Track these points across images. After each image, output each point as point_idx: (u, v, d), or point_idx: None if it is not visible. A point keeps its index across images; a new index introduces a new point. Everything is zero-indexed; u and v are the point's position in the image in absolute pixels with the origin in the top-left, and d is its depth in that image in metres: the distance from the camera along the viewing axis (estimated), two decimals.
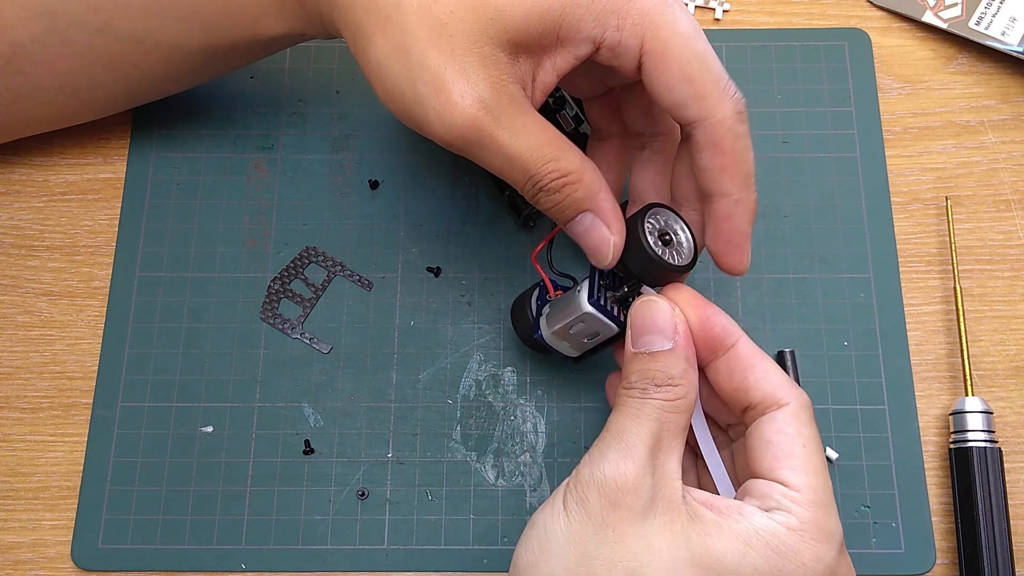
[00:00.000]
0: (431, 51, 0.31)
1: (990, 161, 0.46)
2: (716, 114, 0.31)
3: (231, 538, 0.40)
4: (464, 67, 0.31)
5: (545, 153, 0.32)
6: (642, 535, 0.29)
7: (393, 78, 0.32)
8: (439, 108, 0.31)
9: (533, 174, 0.32)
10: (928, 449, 0.41)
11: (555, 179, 0.32)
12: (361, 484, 0.41)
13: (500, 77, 0.31)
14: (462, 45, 0.31)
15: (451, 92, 0.31)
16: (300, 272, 0.44)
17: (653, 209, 0.33)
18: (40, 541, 0.40)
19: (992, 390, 0.42)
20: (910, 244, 0.44)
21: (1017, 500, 0.40)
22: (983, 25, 0.47)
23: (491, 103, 0.31)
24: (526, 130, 0.32)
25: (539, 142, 0.32)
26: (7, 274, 0.44)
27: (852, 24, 0.48)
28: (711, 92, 0.31)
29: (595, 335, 0.35)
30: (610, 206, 0.33)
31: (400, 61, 0.32)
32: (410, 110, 0.32)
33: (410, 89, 0.32)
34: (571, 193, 0.33)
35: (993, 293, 0.44)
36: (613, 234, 0.33)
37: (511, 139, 0.32)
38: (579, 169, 0.33)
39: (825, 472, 0.31)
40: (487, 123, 0.31)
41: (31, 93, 0.41)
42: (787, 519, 0.29)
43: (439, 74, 0.31)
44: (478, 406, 0.42)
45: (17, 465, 0.41)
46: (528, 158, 0.32)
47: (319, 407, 0.42)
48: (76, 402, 0.42)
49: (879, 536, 0.40)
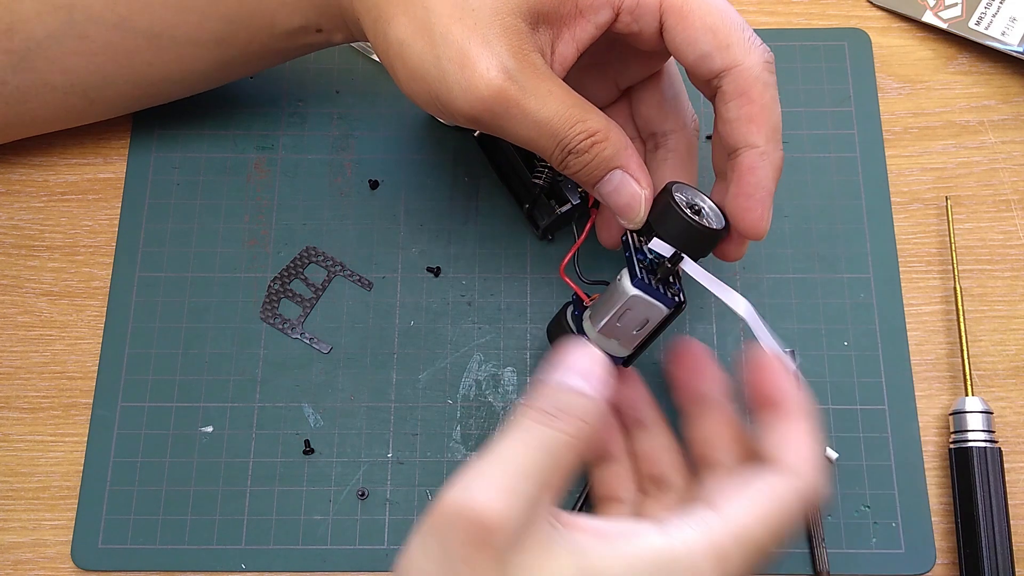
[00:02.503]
0: (454, 26, 0.31)
1: (990, 161, 0.46)
2: (744, 61, 0.31)
3: (231, 538, 0.40)
4: (487, 39, 0.31)
5: (572, 115, 0.32)
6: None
7: (417, 57, 0.32)
8: (464, 82, 0.31)
9: (562, 137, 0.32)
10: (928, 449, 0.41)
11: (584, 139, 0.32)
12: (361, 484, 0.41)
13: (522, 46, 0.32)
14: (484, 18, 0.31)
15: (476, 64, 0.31)
16: (300, 272, 0.44)
17: (675, 185, 0.33)
18: (40, 541, 0.40)
19: (992, 390, 0.42)
20: (910, 244, 0.44)
21: (1017, 500, 0.40)
22: (983, 25, 0.47)
23: (516, 72, 0.31)
24: (552, 95, 0.32)
25: (565, 105, 0.32)
26: (7, 274, 0.44)
27: (852, 24, 0.48)
28: (736, 40, 0.31)
29: (644, 323, 0.34)
30: (637, 162, 0.34)
31: (423, 39, 0.32)
32: (434, 89, 0.32)
33: (434, 67, 0.32)
34: (600, 152, 0.33)
35: (993, 293, 0.44)
36: (643, 188, 0.33)
37: (537, 105, 0.32)
38: (605, 127, 0.33)
39: (769, 533, 0.28)
40: (513, 92, 0.31)
41: (40, 92, 0.40)
42: (681, 531, 0.28)
43: (463, 48, 0.31)
44: (478, 406, 0.42)
45: (17, 465, 0.41)
46: (556, 122, 0.32)
47: (319, 407, 0.42)
48: (76, 402, 0.42)
49: (879, 536, 0.40)
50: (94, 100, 0.42)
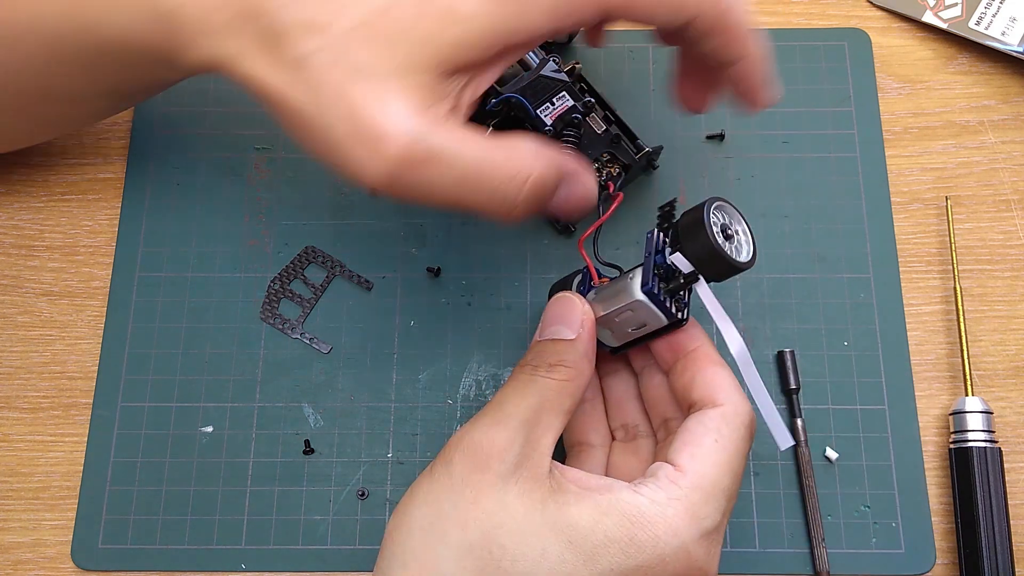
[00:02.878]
0: (345, 86, 0.29)
1: (990, 161, 0.46)
2: (714, 3, 0.31)
3: (231, 538, 0.40)
4: (383, 101, 0.29)
5: (496, 160, 0.30)
6: (499, 498, 0.30)
7: (302, 117, 0.30)
8: (362, 153, 0.29)
9: (495, 188, 0.30)
10: (928, 449, 0.41)
11: (520, 185, 0.31)
12: (361, 484, 0.41)
13: (424, 99, 0.29)
14: (381, 75, 0.29)
15: (371, 131, 0.29)
16: (300, 272, 0.44)
17: (718, 202, 0.32)
18: (40, 541, 0.40)
19: (992, 390, 0.42)
20: (910, 244, 0.44)
21: (1017, 500, 0.40)
22: (983, 25, 0.47)
23: (421, 130, 0.29)
24: (466, 143, 0.30)
25: (484, 150, 0.30)
26: (7, 274, 0.44)
27: (852, 24, 0.48)
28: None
29: (642, 326, 0.34)
30: (573, 164, 0.33)
31: (308, 97, 0.29)
32: (329, 158, 0.30)
33: (324, 134, 0.30)
34: (541, 185, 0.31)
35: (993, 293, 0.44)
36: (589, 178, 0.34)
37: (453, 160, 0.29)
38: (532, 157, 0.31)
39: (731, 475, 0.31)
40: (420, 152, 0.29)
41: None
42: (654, 493, 0.29)
43: (354, 114, 0.29)
44: (478, 406, 0.42)
45: (17, 465, 0.41)
46: (481, 172, 0.30)
47: (319, 407, 0.42)
48: (76, 402, 0.42)
49: (879, 536, 0.40)
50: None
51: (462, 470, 0.30)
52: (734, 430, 0.32)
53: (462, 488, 0.30)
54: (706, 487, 0.30)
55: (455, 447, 0.31)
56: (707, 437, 0.31)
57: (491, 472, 0.30)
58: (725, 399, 0.32)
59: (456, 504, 0.30)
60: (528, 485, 0.30)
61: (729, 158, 0.45)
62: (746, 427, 0.32)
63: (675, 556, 0.29)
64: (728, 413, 0.32)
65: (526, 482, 0.30)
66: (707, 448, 0.31)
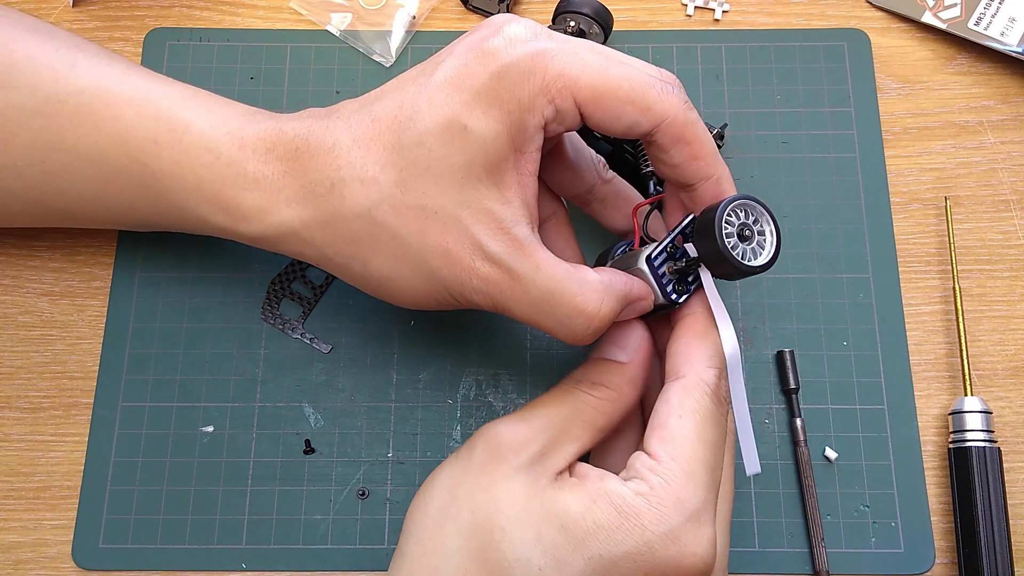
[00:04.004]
0: (428, 237, 0.32)
1: (989, 161, 0.46)
2: (668, 113, 0.31)
3: (231, 538, 0.40)
4: (463, 231, 0.31)
5: (564, 292, 0.31)
6: (507, 486, 0.31)
7: (410, 285, 0.33)
8: (463, 283, 0.32)
9: (560, 320, 0.32)
10: (927, 449, 0.41)
11: (582, 320, 0.32)
12: (361, 484, 0.41)
13: (500, 221, 0.31)
14: (450, 212, 0.31)
15: (463, 261, 0.32)
16: (301, 272, 0.44)
17: (741, 201, 0.32)
18: (41, 541, 0.40)
19: (991, 390, 0.42)
20: (909, 244, 0.44)
21: (1016, 500, 0.41)
22: (982, 25, 0.47)
23: (501, 254, 0.31)
24: (539, 271, 0.31)
25: (554, 281, 0.31)
26: (8, 274, 0.44)
27: (851, 24, 0.48)
28: (654, 99, 0.31)
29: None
30: (637, 287, 0.33)
31: (407, 266, 0.33)
32: (442, 301, 0.33)
33: (430, 285, 0.33)
34: (601, 319, 0.32)
35: (992, 293, 0.44)
36: (648, 299, 0.34)
37: (526, 288, 0.31)
38: (599, 297, 0.32)
39: (705, 446, 0.31)
40: (501, 278, 0.31)
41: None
42: (639, 485, 0.30)
43: (445, 251, 0.32)
44: (478, 406, 0.42)
45: (18, 465, 0.41)
46: (549, 303, 0.32)
47: (319, 407, 0.42)
48: (77, 402, 0.42)
49: (878, 536, 0.40)
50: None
51: (481, 458, 0.32)
52: (696, 400, 0.31)
53: (478, 475, 0.32)
54: (683, 467, 0.30)
55: (480, 436, 0.33)
56: (671, 417, 0.31)
57: (506, 463, 0.31)
58: (687, 369, 0.32)
59: (471, 489, 0.32)
60: (535, 477, 0.31)
61: (729, 158, 0.45)
62: (708, 394, 0.32)
63: (663, 542, 0.29)
64: (689, 384, 0.32)
65: (535, 475, 0.31)
66: (672, 429, 0.31)
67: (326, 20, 0.48)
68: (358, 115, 0.33)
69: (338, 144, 0.33)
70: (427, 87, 0.32)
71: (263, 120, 0.36)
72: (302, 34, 0.48)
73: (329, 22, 0.48)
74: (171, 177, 0.36)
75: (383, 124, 0.32)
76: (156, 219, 0.38)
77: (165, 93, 0.37)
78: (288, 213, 0.34)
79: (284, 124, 0.35)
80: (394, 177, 0.32)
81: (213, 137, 0.35)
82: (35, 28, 0.38)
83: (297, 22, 0.48)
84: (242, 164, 0.35)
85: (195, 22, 0.48)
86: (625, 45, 0.47)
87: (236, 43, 0.47)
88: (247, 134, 0.35)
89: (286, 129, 0.35)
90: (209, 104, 0.37)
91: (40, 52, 0.37)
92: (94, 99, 0.36)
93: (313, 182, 0.33)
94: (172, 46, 0.47)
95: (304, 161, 0.34)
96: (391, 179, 0.32)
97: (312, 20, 0.48)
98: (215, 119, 0.36)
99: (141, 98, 0.36)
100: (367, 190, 0.32)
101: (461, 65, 0.31)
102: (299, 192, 0.34)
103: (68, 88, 0.36)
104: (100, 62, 0.38)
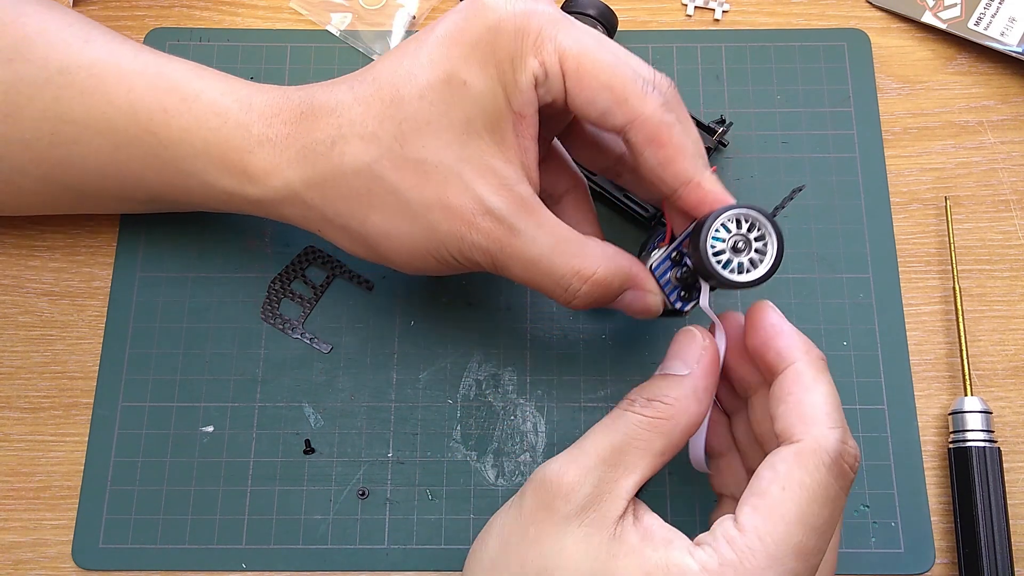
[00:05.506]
0: (427, 191, 0.32)
1: (989, 161, 0.46)
2: (643, 111, 0.31)
3: (231, 538, 0.40)
4: (464, 184, 0.31)
5: (564, 254, 0.31)
6: (558, 540, 0.29)
7: (409, 239, 0.33)
8: (461, 238, 0.32)
9: (558, 280, 0.32)
10: (927, 449, 0.41)
11: (579, 284, 0.32)
12: (361, 484, 0.41)
13: (502, 179, 0.31)
14: (450, 167, 0.31)
15: (463, 214, 0.31)
16: (301, 272, 0.44)
17: (737, 210, 0.31)
18: (41, 541, 0.40)
19: (991, 390, 0.42)
20: (909, 244, 0.44)
21: (1016, 500, 0.41)
22: (982, 25, 0.47)
23: (503, 210, 0.31)
24: (541, 229, 0.32)
25: (555, 240, 0.32)
26: (8, 274, 0.44)
27: (851, 24, 0.48)
28: (632, 93, 0.31)
29: None
30: (639, 276, 0.33)
31: (406, 221, 0.33)
32: (440, 257, 0.33)
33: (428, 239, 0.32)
34: (601, 288, 0.32)
35: (992, 293, 0.44)
36: (654, 296, 0.34)
37: (527, 245, 0.31)
38: (600, 262, 0.32)
39: (805, 529, 0.27)
40: (502, 233, 0.31)
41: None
42: (708, 559, 0.27)
43: (445, 203, 0.31)
44: (478, 406, 0.42)
45: (18, 465, 0.41)
46: (548, 262, 0.32)
47: (319, 407, 0.42)
48: (77, 402, 0.42)
49: (878, 536, 0.40)
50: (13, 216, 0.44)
51: (531, 505, 0.30)
52: (809, 472, 0.27)
53: (527, 525, 0.30)
54: (769, 548, 0.26)
55: (531, 480, 0.30)
56: (774, 485, 0.27)
57: (556, 512, 0.29)
58: (803, 432, 0.28)
59: (521, 540, 0.30)
60: (590, 530, 0.28)
61: (729, 158, 0.45)
62: (827, 466, 0.27)
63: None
64: (804, 450, 0.28)
65: (589, 526, 0.28)
66: (772, 499, 0.27)
67: (326, 20, 0.48)
68: (361, 76, 0.34)
69: (340, 104, 0.33)
70: (427, 43, 0.32)
71: (271, 90, 0.37)
72: (302, 34, 0.48)
73: (329, 22, 0.48)
74: (179, 143, 0.36)
75: (383, 80, 0.33)
76: (163, 191, 0.38)
77: (177, 67, 0.37)
78: (291, 173, 0.34)
79: (291, 92, 0.36)
80: (393, 131, 0.32)
81: (222, 103, 0.36)
82: (49, 5, 0.39)
83: (297, 22, 0.48)
84: (248, 127, 0.35)
85: (195, 22, 0.48)
86: (625, 45, 0.47)
87: (236, 43, 0.47)
88: (255, 100, 0.36)
89: (292, 95, 0.35)
90: (220, 76, 0.38)
91: (54, 27, 0.37)
92: (106, 71, 0.37)
93: (315, 141, 0.34)
94: (172, 46, 0.47)
95: (308, 123, 0.34)
96: (390, 133, 0.32)
97: (312, 20, 0.48)
98: (224, 87, 0.37)
99: (153, 71, 0.37)
100: (366, 145, 0.32)
101: (461, 19, 0.32)
102: (301, 152, 0.34)
103: (81, 60, 0.37)
104: (114, 39, 0.38)
